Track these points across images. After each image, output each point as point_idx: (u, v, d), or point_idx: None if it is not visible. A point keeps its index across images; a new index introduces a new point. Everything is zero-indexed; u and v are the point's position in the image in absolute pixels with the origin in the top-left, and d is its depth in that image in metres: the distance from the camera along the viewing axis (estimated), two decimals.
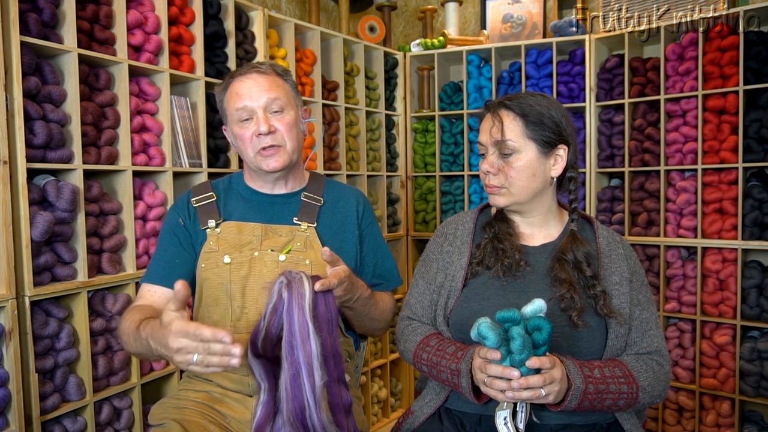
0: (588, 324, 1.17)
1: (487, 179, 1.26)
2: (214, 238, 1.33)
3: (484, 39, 2.98)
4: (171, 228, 1.38)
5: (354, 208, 1.44)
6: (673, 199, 2.51)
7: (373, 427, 2.83)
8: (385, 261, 1.48)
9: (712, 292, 2.40)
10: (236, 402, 1.29)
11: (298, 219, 1.37)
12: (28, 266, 1.51)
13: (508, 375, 1.00)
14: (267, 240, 1.34)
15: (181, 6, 1.95)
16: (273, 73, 1.34)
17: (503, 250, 1.25)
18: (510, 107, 1.22)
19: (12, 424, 1.49)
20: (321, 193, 1.43)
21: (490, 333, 1.00)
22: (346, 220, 1.42)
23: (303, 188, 1.43)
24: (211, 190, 1.41)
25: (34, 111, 1.54)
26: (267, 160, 1.31)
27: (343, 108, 2.64)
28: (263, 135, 1.29)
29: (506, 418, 1.06)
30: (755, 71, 2.29)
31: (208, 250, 1.33)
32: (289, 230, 1.36)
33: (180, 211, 1.39)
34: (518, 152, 1.21)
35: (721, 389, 2.38)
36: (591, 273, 1.21)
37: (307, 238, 1.35)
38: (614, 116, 2.65)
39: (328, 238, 1.37)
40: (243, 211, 1.38)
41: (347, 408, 1.14)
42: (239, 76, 1.34)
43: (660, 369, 1.18)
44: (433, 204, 3.09)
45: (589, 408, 1.10)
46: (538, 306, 1.03)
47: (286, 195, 1.40)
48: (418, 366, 1.26)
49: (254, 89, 1.31)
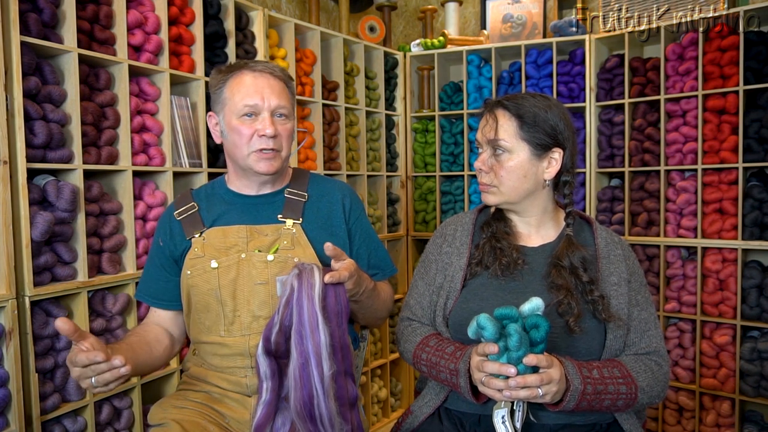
0: (585, 329, 1.17)
1: (480, 177, 1.27)
2: (199, 245, 1.32)
3: (484, 39, 2.98)
4: (154, 250, 1.41)
5: (339, 202, 1.42)
6: (673, 199, 2.51)
7: (373, 427, 2.83)
8: (378, 251, 1.47)
9: (712, 292, 2.40)
10: (235, 402, 1.29)
11: (282, 216, 1.35)
12: (28, 266, 1.51)
13: (505, 372, 1.00)
14: (253, 241, 1.32)
15: (181, 6, 1.95)
16: (283, 77, 1.34)
17: (501, 249, 1.25)
18: (506, 107, 1.22)
19: (12, 424, 1.49)
20: (305, 189, 1.40)
21: (488, 324, 1.01)
22: (333, 214, 1.40)
23: (286, 185, 1.41)
24: (192, 200, 1.39)
25: (34, 111, 1.54)
26: (262, 162, 1.30)
27: (343, 108, 2.64)
28: (267, 137, 1.28)
29: (504, 417, 1.06)
30: (755, 71, 2.29)
31: (193, 256, 1.31)
32: (275, 229, 1.34)
33: (161, 230, 1.40)
34: (510, 152, 1.22)
35: (721, 389, 2.38)
36: (588, 278, 1.20)
37: (293, 235, 1.33)
38: (614, 116, 2.65)
39: (315, 234, 1.35)
40: (226, 215, 1.36)
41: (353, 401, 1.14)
42: (251, 70, 1.31)
43: (659, 369, 1.18)
44: (433, 204, 3.09)
45: (588, 408, 1.10)
46: (536, 304, 1.04)
47: (269, 194, 1.39)
48: (417, 366, 1.26)
49: (266, 89, 1.29)
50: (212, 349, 1.31)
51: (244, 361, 1.28)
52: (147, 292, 1.40)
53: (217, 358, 1.30)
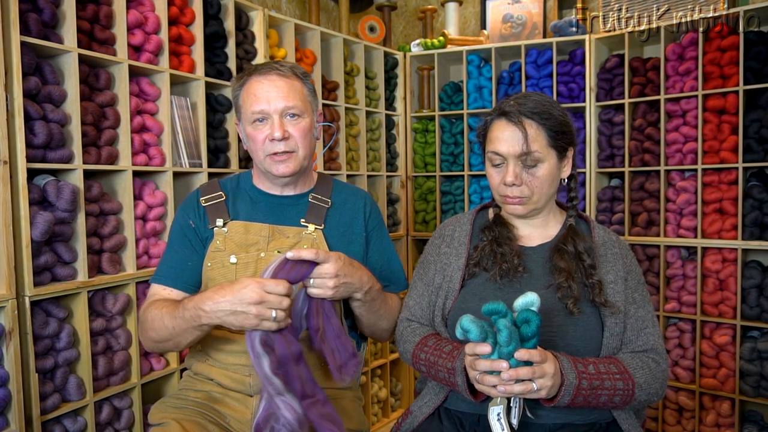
0: (583, 312, 1.18)
1: (509, 191, 1.23)
2: (221, 238, 1.33)
3: (484, 39, 2.98)
4: (182, 229, 1.37)
5: (361, 210, 1.43)
6: (673, 199, 2.51)
7: (373, 427, 2.83)
8: (391, 264, 1.47)
9: (712, 292, 2.40)
10: (236, 402, 1.29)
11: (305, 221, 1.36)
12: (28, 266, 1.51)
13: (497, 368, 1.00)
14: (274, 241, 1.33)
15: (181, 6, 1.95)
16: (293, 75, 1.32)
17: (502, 254, 1.25)
18: (531, 117, 1.20)
19: (12, 424, 1.49)
20: (329, 195, 1.41)
21: (472, 326, 1.00)
22: (354, 222, 1.41)
23: (311, 189, 1.42)
24: (220, 189, 1.39)
25: (34, 111, 1.54)
26: (277, 165, 1.30)
27: (343, 108, 2.64)
28: (276, 140, 1.28)
29: (500, 414, 1.05)
30: (755, 71, 2.29)
31: (214, 249, 1.32)
32: (297, 232, 1.35)
33: (190, 212, 1.38)
34: (542, 162, 1.21)
35: (721, 389, 2.38)
36: (590, 262, 1.22)
37: (314, 240, 1.34)
38: (614, 116, 2.65)
39: (336, 241, 1.37)
40: (250, 212, 1.37)
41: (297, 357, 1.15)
42: (257, 75, 1.31)
43: (657, 367, 1.18)
44: (433, 204, 3.09)
45: (584, 404, 1.10)
46: (530, 299, 1.03)
47: (294, 196, 1.40)
48: (416, 366, 1.26)
49: (272, 92, 1.28)
50: (219, 343, 1.31)
51: (248, 359, 1.27)
52: (169, 275, 1.34)
53: (223, 354, 1.30)
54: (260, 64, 1.34)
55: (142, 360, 1.84)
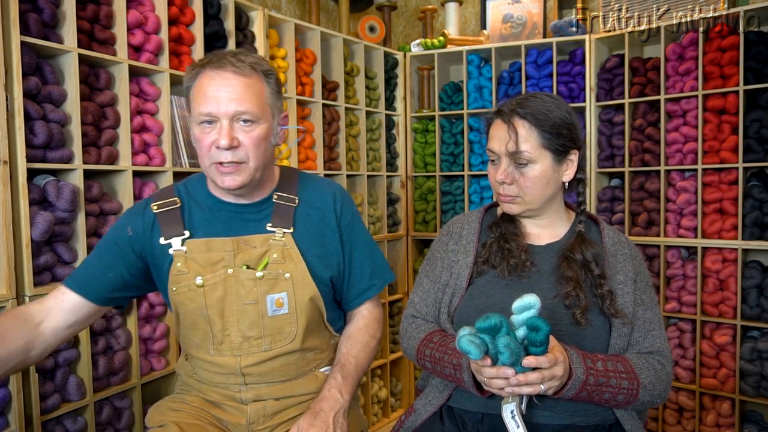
0: (591, 322, 1.18)
1: (501, 188, 1.24)
2: (182, 259, 1.19)
3: (484, 39, 2.98)
4: (115, 236, 1.24)
5: (331, 206, 1.29)
6: (673, 199, 2.51)
7: (373, 427, 2.83)
8: (374, 257, 1.35)
9: (712, 292, 2.40)
10: (232, 408, 1.26)
11: (272, 225, 1.22)
12: (29, 266, 1.51)
13: (503, 375, 1.00)
14: (240, 254, 1.20)
15: (181, 6, 1.95)
16: (252, 72, 1.14)
17: (509, 250, 1.25)
18: (524, 116, 1.19)
19: (12, 424, 1.49)
20: (295, 192, 1.27)
21: (471, 348, 0.95)
22: (325, 221, 1.28)
23: (274, 189, 1.27)
24: (175, 194, 1.24)
25: (34, 111, 1.54)
26: (223, 176, 1.15)
27: (343, 108, 2.64)
28: (223, 149, 1.12)
29: (513, 411, 1.05)
30: (755, 71, 2.29)
31: (176, 272, 1.20)
32: (264, 240, 1.22)
33: (132, 219, 1.24)
34: (533, 162, 1.20)
35: (721, 389, 2.38)
36: (599, 272, 1.21)
37: (284, 247, 1.21)
38: (614, 116, 2.65)
39: (308, 245, 1.24)
40: (209, 225, 1.22)
41: None
42: (210, 69, 1.13)
43: (662, 369, 1.18)
44: (433, 204, 3.09)
45: (587, 399, 1.10)
46: (528, 301, 1.00)
47: (256, 202, 1.25)
48: (421, 362, 1.26)
49: (223, 93, 1.11)
50: (203, 364, 1.25)
51: (237, 379, 1.23)
52: (82, 281, 1.21)
53: (209, 374, 1.25)
54: (217, 55, 1.16)
55: (142, 360, 1.84)
